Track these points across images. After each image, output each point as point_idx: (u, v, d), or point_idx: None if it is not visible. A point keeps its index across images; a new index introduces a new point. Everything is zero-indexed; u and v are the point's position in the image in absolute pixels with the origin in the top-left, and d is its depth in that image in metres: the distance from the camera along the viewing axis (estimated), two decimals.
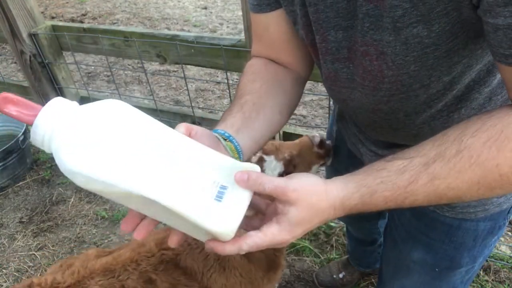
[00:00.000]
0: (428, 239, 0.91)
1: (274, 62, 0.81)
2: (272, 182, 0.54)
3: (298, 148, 1.10)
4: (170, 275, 1.11)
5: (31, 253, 2.10)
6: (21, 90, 2.59)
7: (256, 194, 0.56)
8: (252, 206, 0.57)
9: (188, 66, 3.57)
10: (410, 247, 0.96)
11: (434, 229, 0.89)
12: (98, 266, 1.11)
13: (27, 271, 2.01)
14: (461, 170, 0.52)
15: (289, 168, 1.05)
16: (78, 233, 2.18)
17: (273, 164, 1.05)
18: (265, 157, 1.05)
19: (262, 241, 0.54)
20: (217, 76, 3.65)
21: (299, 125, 2.93)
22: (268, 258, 1.14)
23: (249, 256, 1.10)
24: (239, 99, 0.73)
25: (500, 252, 1.85)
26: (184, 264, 1.12)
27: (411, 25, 0.54)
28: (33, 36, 2.07)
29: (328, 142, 1.16)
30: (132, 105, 0.53)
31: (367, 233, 1.52)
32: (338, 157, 1.19)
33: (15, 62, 4.14)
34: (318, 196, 0.56)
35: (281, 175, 1.03)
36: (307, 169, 1.12)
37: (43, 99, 2.32)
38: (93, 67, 4.00)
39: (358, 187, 0.56)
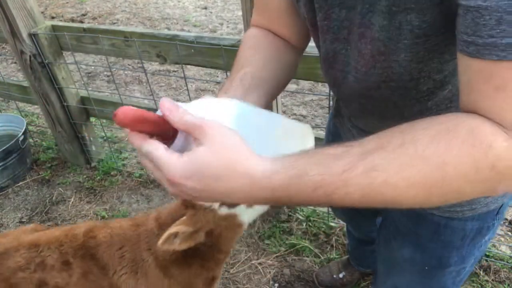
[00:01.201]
0: (417, 237, 0.92)
1: (273, 33, 0.82)
2: (192, 117, 0.51)
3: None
4: (86, 263, 1.14)
5: None
6: (21, 90, 2.59)
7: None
8: None
9: (188, 66, 3.57)
10: (401, 245, 0.97)
11: (423, 227, 0.89)
12: (27, 240, 1.18)
13: None
14: (402, 164, 0.46)
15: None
16: None
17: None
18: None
19: (160, 155, 0.50)
20: (217, 76, 3.65)
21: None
22: (187, 278, 1.09)
23: (165, 269, 1.08)
24: (239, 71, 0.74)
25: (500, 252, 1.85)
26: (101, 257, 1.13)
27: (405, 11, 0.54)
28: (33, 36, 2.07)
29: None
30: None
31: (366, 232, 1.52)
32: None
33: (15, 62, 4.14)
34: (238, 151, 0.49)
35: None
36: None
37: (43, 99, 2.32)
38: (93, 67, 4.00)
39: (287, 165, 0.50)
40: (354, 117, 0.87)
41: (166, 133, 0.52)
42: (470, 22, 0.45)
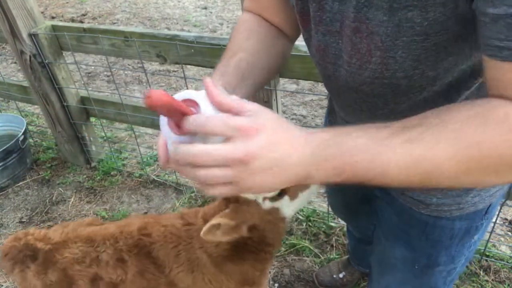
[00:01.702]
0: (407, 236, 0.93)
1: (265, 20, 0.83)
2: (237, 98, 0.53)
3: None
4: (141, 260, 1.16)
5: None
6: (21, 90, 2.59)
7: None
8: None
9: (188, 66, 3.57)
10: (392, 244, 0.98)
11: (412, 226, 0.90)
12: (84, 233, 1.21)
13: None
14: (439, 140, 0.48)
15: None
16: None
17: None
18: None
19: (231, 118, 0.49)
20: None
21: (299, 125, 2.93)
22: (243, 272, 1.11)
23: (221, 266, 1.09)
24: (234, 55, 0.75)
25: (500, 252, 1.85)
26: (156, 255, 1.15)
27: (407, 8, 0.54)
28: (33, 36, 2.07)
29: None
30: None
31: (366, 231, 1.52)
32: None
33: (15, 62, 4.14)
34: (285, 119, 0.54)
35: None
36: (304, 187, 0.94)
37: (43, 99, 2.32)
38: (93, 67, 4.00)
39: (334, 128, 0.53)
40: (344, 111, 0.87)
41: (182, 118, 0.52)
42: (502, 29, 0.46)
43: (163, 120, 0.54)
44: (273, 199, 0.91)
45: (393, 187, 0.88)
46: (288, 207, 0.95)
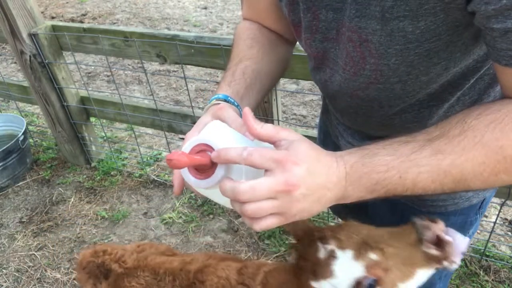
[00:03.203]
0: None
1: (265, 27, 0.84)
2: (271, 126, 0.55)
3: (397, 244, 0.71)
4: None
5: (31, 253, 2.10)
6: (21, 90, 2.59)
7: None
8: None
9: (188, 66, 3.57)
10: None
11: (407, 222, 0.90)
12: (152, 263, 1.22)
13: (27, 271, 2.01)
14: (465, 148, 0.51)
15: (376, 271, 0.70)
16: (78, 233, 2.18)
17: (347, 265, 0.72)
18: (338, 252, 0.73)
19: (268, 151, 0.51)
20: (217, 76, 3.65)
21: (299, 125, 2.93)
22: None
23: None
24: (239, 63, 0.77)
25: (500, 252, 1.85)
26: None
27: (398, 18, 0.55)
28: (33, 36, 2.07)
29: (448, 238, 0.70)
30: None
31: None
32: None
33: (15, 62, 4.14)
34: (315, 145, 0.55)
35: (360, 282, 0.72)
36: (407, 275, 0.72)
37: (43, 99, 2.32)
38: (93, 67, 4.00)
39: (358, 149, 0.56)
40: (339, 114, 0.88)
41: (205, 167, 0.55)
42: None
43: (185, 170, 0.57)
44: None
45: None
46: None
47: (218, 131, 0.58)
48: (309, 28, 0.70)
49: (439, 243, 0.69)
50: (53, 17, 5.24)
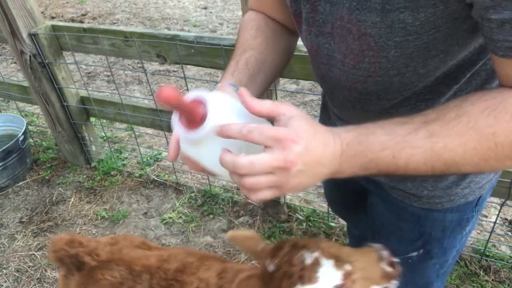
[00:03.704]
0: (399, 230, 0.94)
1: (270, 17, 0.85)
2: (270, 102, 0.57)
3: (362, 261, 0.81)
4: None
5: (31, 253, 2.10)
6: (21, 90, 2.59)
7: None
8: None
9: (188, 66, 3.57)
10: (385, 239, 0.99)
11: (404, 220, 0.92)
12: (127, 257, 1.20)
13: (27, 271, 2.01)
14: (458, 133, 0.52)
15: (348, 282, 0.78)
16: (78, 233, 2.17)
17: (330, 273, 0.78)
18: (322, 260, 0.79)
19: (267, 129, 0.52)
20: (217, 76, 3.65)
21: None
22: None
23: None
24: (243, 53, 0.78)
25: (500, 252, 1.85)
26: None
27: (399, 10, 0.56)
28: (33, 36, 2.07)
29: (397, 259, 0.85)
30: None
31: (366, 228, 1.52)
32: None
33: (15, 62, 4.14)
34: (313, 121, 0.57)
35: None
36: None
37: (43, 99, 2.32)
38: (93, 67, 4.00)
39: (355, 127, 0.57)
40: (338, 108, 0.89)
41: (194, 118, 0.55)
42: (510, 31, 0.49)
43: (175, 116, 0.57)
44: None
45: (385, 181, 0.90)
46: None
47: (217, 96, 0.58)
48: (307, 20, 0.71)
49: (392, 263, 0.82)
50: (53, 17, 5.24)
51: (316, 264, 0.79)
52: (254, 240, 0.94)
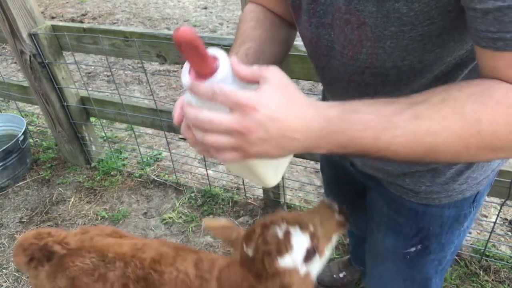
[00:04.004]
0: (398, 226, 0.95)
1: (269, 10, 0.86)
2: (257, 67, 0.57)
3: (319, 218, 0.92)
4: None
5: None
6: (21, 90, 2.59)
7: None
8: None
9: None
10: (383, 234, 1.01)
11: (403, 215, 0.93)
12: (99, 245, 1.19)
13: None
14: (444, 116, 0.51)
15: (314, 240, 0.89)
16: None
17: (300, 238, 0.88)
18: (291, 230, 0.88)
19: (233, 93, 0.52)
20: None
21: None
22: None
23: None
24: (243, 44, 0.78)
25: (500, 252, 1.85)
26: None
27: None
28: (33, 36, 2.07)
29: (345, 208, 0.98)
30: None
31: (365, 227, 1.52)
32: None
33: (15, 62, 4.14)
34: (295, 88, 0.56)
35: (309, 251, 0.88)
36: (329, 240, 0.93)
37: (43, 99, 2.32)
38: (93, 67, 4.00)
39: (340, 103, 0.56)
40: (333, 98, 0.90)
41: (206, 67, 0.56)
42: (492, 21, 0.49)
43: (186, 69, 0.58)
44: (307, 260, 0.88)
45: (383, 177, 0.90)
46: (317, 267, 0.92)
47: (227, 58, 0.59)
48: (307, 11, 0.71)
49: (342, 211, 0.94)
50: (53, 17, 5.24)
51: (287, 234, 0.87)
52: (229, 228, 1.00)
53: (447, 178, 0.82)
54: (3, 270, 2.03)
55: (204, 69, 0.55)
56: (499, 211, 1.74)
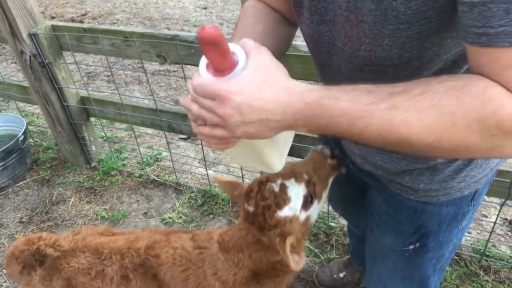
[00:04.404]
0: (396, 223, 0.96)
1: (271, 7, 0.88)
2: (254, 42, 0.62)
3: (312, 165, 0.98)
4: (146, 282, 1.13)
5: None
6: (21, 90, 2.59)
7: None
8: None
9: (188, 66, 3.57)
10: (383, 232, 1.01)
11: (401, 213, 0.93)
12: (93, 243, 1.20)
13: None
14: (420, 109, 0.52)
15: (310, 187, 0.95)
16: None
17: (296, 189, 0.94)
18: (286, 183, 0.94)
19: (211, 85, 0.58)
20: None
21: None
22: None
23: None
24: (243, 37, 0.80)
25: (500, 252, 1.85)
26: (162, 278, 1.11)
27: None
28: (33, 36, 2.07)
29: (337, 152, 1.03)
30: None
31: (365, 226, 1.52)
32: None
33: (15, 62, 4.14)
34: (278, 73, 0.60)
35: (306, 198, 0.95)
36: (325, 185, 1.00)
37: (43, 99, 2.32)
38: (93, 67, 4.00)
39: (321, 88, 0.59)
40: None
41: (226, 64, 0.59)
42: (478, 16, 0.48)
43: (203, 63, 0.61)
44: (306, 206, 0.94)
45: (382, 175, 0.91)
46: (316, 210, 0.99)
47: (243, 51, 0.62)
48: (309, 8, 0.72)
49: (333, 155, 0.99)
50: (53, 17, 5.24)
51: (283, 188, 0.93)
52: (234, 185, 1.07)
53: (446, 176, 0.83)
54: (3, 270, 2.03)
55: (224, 65, 0.58)
56: (499, 211, 1.74)
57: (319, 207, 1.00)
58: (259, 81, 0.57)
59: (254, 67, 0.58)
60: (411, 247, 0.96)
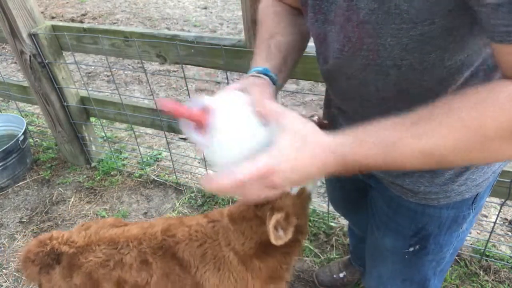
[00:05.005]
0: (396, 225, 0.96)
1: (286, 4, 0.89)
2: (275, 105, 0.63)
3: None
4: (166, 262, 1.15)
5: None
6: (21, 90, 2.59)
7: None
8: None
9: (188, 66, 3.57)
10: (383, 233, 1.01)
11: (401, 215, 0.93)
12: (107, 235, 1.21)
13: None
14: (448, 131, 0.54)
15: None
16: None
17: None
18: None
19: (250, 166, 0.58)
20: (217, 76, 3.65)
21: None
22: (270, 269, 1.11)
23: (247, 263, 1.09)
24: (272, 38, 0.82)
25: (500, 252, 1.85)
26: (181, 255, 1.14)
27: None
28: (33, 36, 2.07)
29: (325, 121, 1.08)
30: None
31: (366, 227, 1.52)
32: None
33: (15, 62, 4.14)
34: (309, 128, 0.61)
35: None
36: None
37: (43, 99, 2.32)
38: (93, 67, 4.00)
39: (349, 136, 0.60)
40: (338, 99, 0.90)
41: (201, 126, 0.61)
42: (504, 15, 0.49)
43: (185, 123, 0.62)
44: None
45: (383, 176, 0.92)
46: (310, 184, 1.00)
47: (224, 102, 0.64)
48: (313, 7, 0.73)
49: (322, 125, 0.95)
50: (53, 17, 5.24)
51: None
52: None
53: (446, 179, 0.82)
54: (3, 270, 2.03)
55: (198, 124, 0.60)
56: (499, 211, 1.74)
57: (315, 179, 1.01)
58: (294, 144, 0.59)
59: (290, 130, 0.60)
60: (411, 249, 0.96)
